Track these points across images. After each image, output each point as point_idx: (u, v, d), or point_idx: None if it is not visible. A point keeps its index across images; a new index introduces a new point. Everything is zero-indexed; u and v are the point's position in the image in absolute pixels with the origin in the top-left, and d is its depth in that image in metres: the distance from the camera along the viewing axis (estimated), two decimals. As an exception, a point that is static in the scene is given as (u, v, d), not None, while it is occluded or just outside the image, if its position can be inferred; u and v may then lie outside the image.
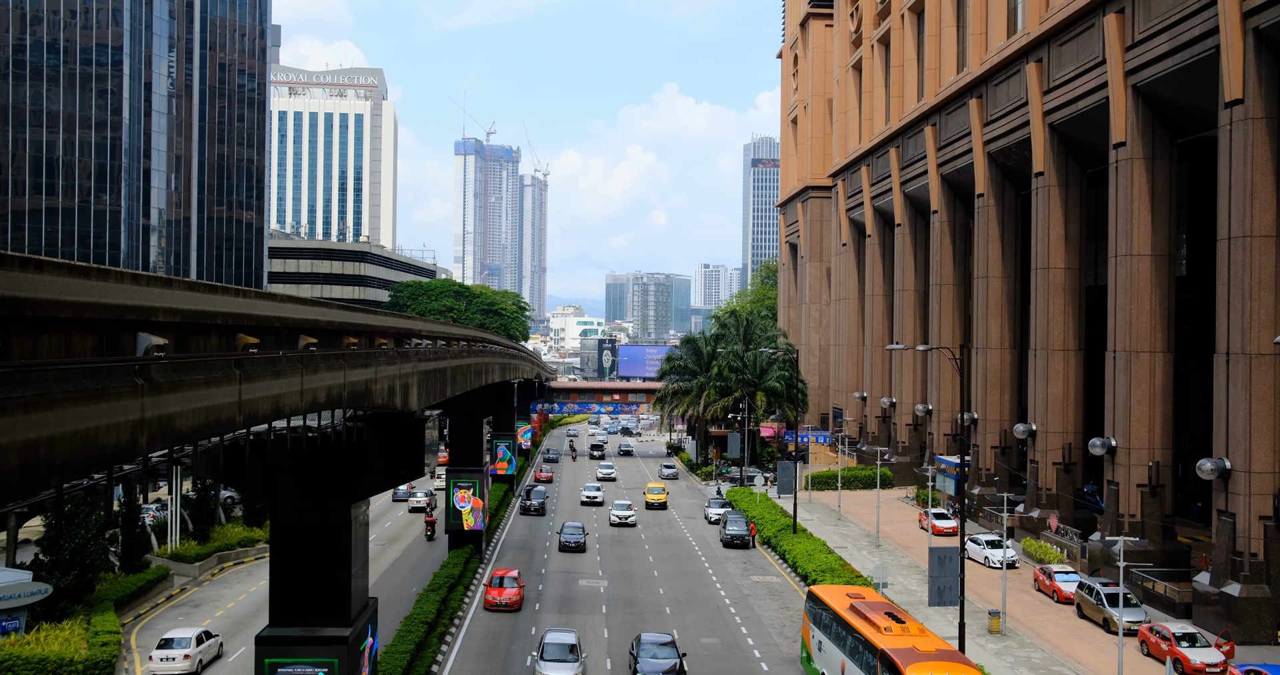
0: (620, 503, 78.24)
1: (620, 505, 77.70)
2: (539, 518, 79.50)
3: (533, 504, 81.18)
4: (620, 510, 76.57)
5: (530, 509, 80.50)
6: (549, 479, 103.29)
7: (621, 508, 77.17)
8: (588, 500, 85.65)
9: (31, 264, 9.98)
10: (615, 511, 76.55)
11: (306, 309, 20.32)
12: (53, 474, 10.39)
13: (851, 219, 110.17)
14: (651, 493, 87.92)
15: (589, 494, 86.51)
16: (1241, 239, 45.76)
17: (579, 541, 64.85)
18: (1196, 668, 39.95)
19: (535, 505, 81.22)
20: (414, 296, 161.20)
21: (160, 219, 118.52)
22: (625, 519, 75.60)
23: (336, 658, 24.92)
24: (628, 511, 76.64)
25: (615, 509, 76.99)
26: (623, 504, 77.93)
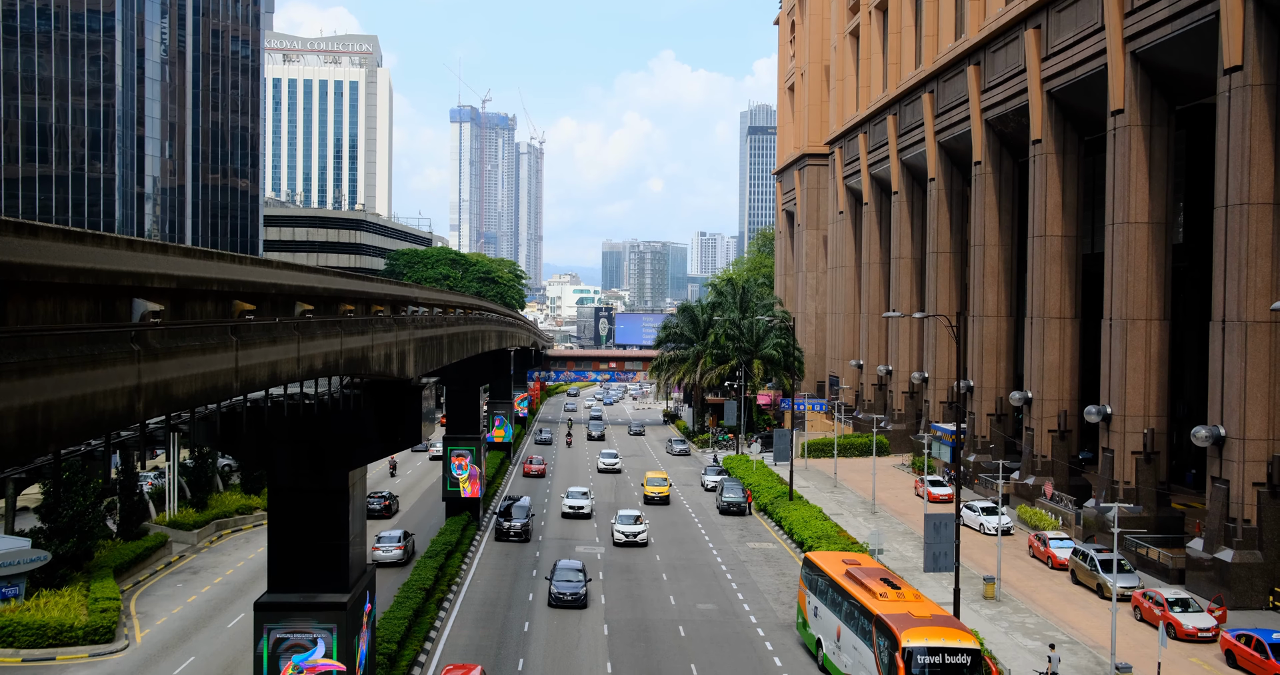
0: (626, 515, 60.27)
1: (626, 518, 59.86)
2: (521, 547, 57.78)
3: (514, 525, 58.88)
4: (626, 524, 59.25)
5: (509, 533, 58.74)
6: (540, 473, 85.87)
7: (628, 521, 59.54)
8: (572, 511, 66.41)
9: (26, 229, 9.94)
10: (620, 526, 59.19)
11: (302, 276, 20.27)
12: (50, 440, 10.40)
13: (848, 186, 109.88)
14: (651, 484, 75.06)
15: (573, 503, 66.99)
16: (1239, 206, 45.69)
17: (576, 593, 45.24)
18: (1189, 632, 40.29)
19: (516, 527, 58.91)
20: (410, 265, 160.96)
21: (155, 187, 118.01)
22: (634, 536, 58.37)
23: (336, 623, 25.05)
24: (637, 527, 58.99)
25: (620, 522, 59.64)
26: (629, 516, 60.06)
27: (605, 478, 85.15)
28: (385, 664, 33.51)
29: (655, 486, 74.49)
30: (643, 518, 60.10)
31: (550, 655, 39.01)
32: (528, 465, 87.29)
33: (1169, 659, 36.84)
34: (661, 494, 73.53)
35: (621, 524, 59.26)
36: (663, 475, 77.64)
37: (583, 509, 66.29)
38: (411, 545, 55.04)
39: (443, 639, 40.62)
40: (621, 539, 58.32)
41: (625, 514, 60.57)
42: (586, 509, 66.48)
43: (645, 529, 59.07)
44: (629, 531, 58.59)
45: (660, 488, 74.24)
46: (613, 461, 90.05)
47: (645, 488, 74.95)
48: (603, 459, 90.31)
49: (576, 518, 65.82)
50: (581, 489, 69.92)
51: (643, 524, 59.34)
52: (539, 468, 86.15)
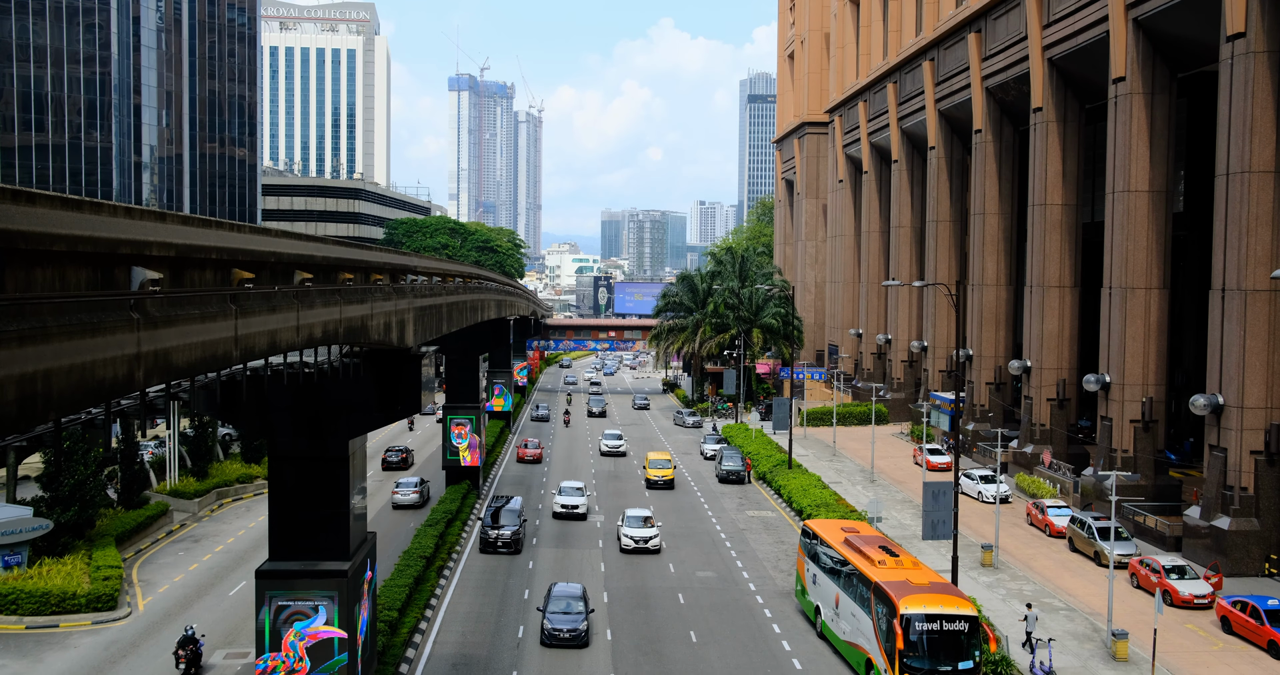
0: (635, 515, 51.32)
1: (634, 520, 50.91)
2: (510, 559, 48.42)
3: (502, 534, 49.07)
4: (635, 527, 50.38)
5: (497, 543, 49.02)
6: (536, 458, 76.67)
7: (636, 523, 50.65)
8: (565, 511, 57.01)
9: (23, 196, 9.90)
10: (629, 530, 50.24)
11: (301, 244, 20.23)
12: (50, 408, 10.40)
13: (848, 155, 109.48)
14: (654, 467, 67.78)
15: (566, 502, 57.33)
16: (1240, 175, 45.55)
17: (575, 629, 36.43)
18: (1185, 599, 40.54)
19: (505, 536, 49.06)
20: (409, 234, 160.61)
21: (152, 156, 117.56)
22: (644, 542, 49.77)
23: (336, 591, 25.17)
24: (647, 530, 50.22)
25: (629, 525, 50.70)
26: (635, 516, 51.27)
27: (608, 461, 78.14)
28: (386, 631, 33.73)
29: (659, 469, 67.33)
30: (654, 519, 51.71)
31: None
32: (522, 449, 77.43)
33: (1165, 625, 37.08)
34: (665, 478, 66.59)
35: (630, 527, 50.28)
36: (666, 456, 69.98)
37: (577, 508, 56.83)
38: (426, 491, 61.29)
39: (443, 607, 40.84)
40: (630, 545, 49.44)
41: (634, 514, 51.54)
42: (581, 508, 56.99)
43: (657, 533, 50.14)
44: (638, 536, 49.62)
45: (664, 470, 67.16)
46: (617, 444, 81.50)
47: (647, 470, 67.94)
48: (605, 441, 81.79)
49: (570, 519, 56.78)
50: (575, 484, 59.81)
51: (654, 527, 50.63)
52: (534, 452, 76.88)
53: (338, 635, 25.11)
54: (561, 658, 35.47)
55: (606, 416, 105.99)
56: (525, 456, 76.42)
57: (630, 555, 49.46)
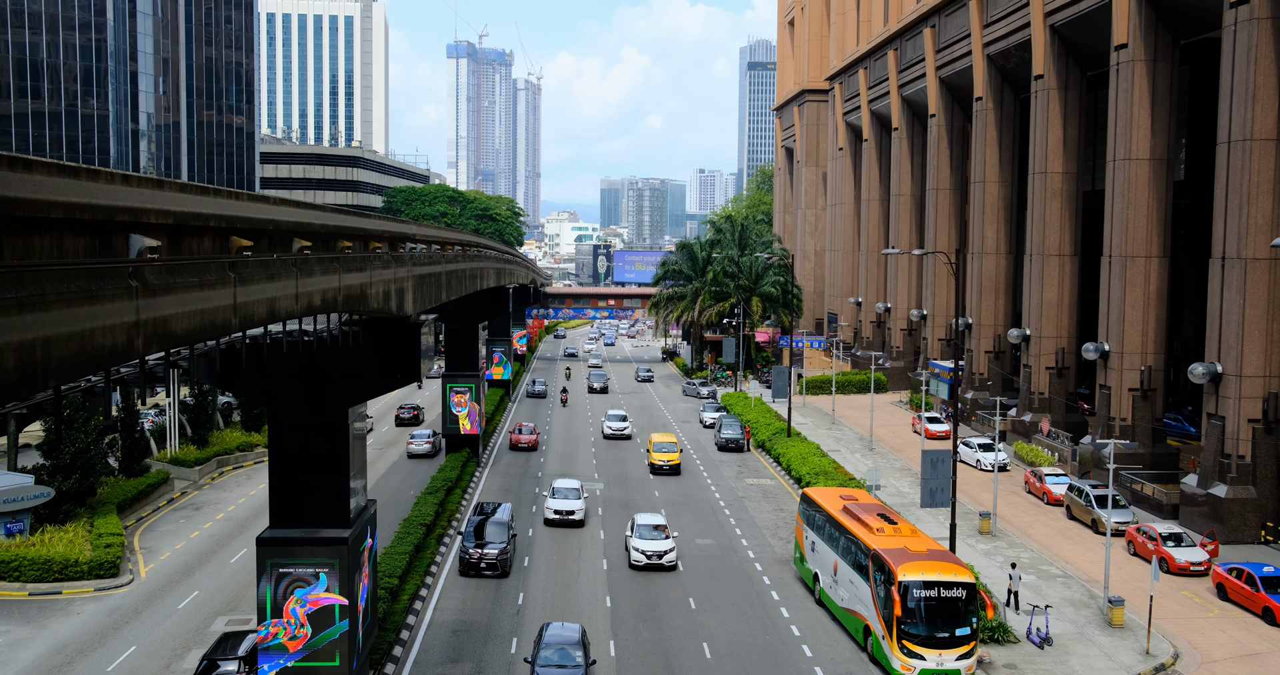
0: (645, 523, 43.32)
1: (647, 529, 42.74)
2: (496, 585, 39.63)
3: (486, 553, 40.19)
4: (648, 538, 42.25)
5: (480, 564, 40.17)
6: (531, 445, 68.21)
7: (650, 533, 42.52)
8: (559, 517, 48.34)
9: (20, 163, 9.85)
10: (640, 543, 42.07)
11: (300, 212, 20.16)
12: (49, 375, 10.41)
13: (848, 123, 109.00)
14: (658, 450, 61.88)
15: (559, 506, 48.55)
16: (1241, 143, 45.39)
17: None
18: (1181, 566, 40.77)
19: (491, 556, 40.18)
20: (408, 202, 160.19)
21: (149, 123, 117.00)
22: (658, 557, 41.54)
23: (337, 558, 25.28)
24: (662, 543, 42.08)
25: (640, 536, 42.48)
26: (648, 524, 43.18)
27: (611, 447, 70.33)
28: (387, 598, 33.92)
29: (663, 453, 61.51)
30: (669, 528, 43.92)
31: (550, 589, 39.10)
32: (515, 435, 68.93)
33: (1161, 592, 37.30)
34: (671, 462, 61.04)
35: (641, 538, 42.23)
36: (671, 439, 64.07)
37: (573, 514, 48.42)
38: (438, 442, 65.42)
39: (443, 575, 41.03)
40: (640, 561, 41.46)
41: (645, 521, 43.51)
42: (578, 514, 48.60)
43: (673, 546, 42.13)
44: (651, 550, 41.51)
45: (669, 455, 61.40)
46: (621, 426, 73.84)
47: (651, 454, 62.11)
48: (608, 424, 74.41)
49: (566, 525, 48.54)
50: (571, 484, 50.86)
51: (670, 538, 42.56)
52: (529, 438, 68.44)
53: (338, 602, 25.26)
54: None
55: (608, 392, 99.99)
56: (520, 443, 68.20)
57: (641, 573, 41.37)
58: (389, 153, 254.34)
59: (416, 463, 63.80)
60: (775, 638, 34.74)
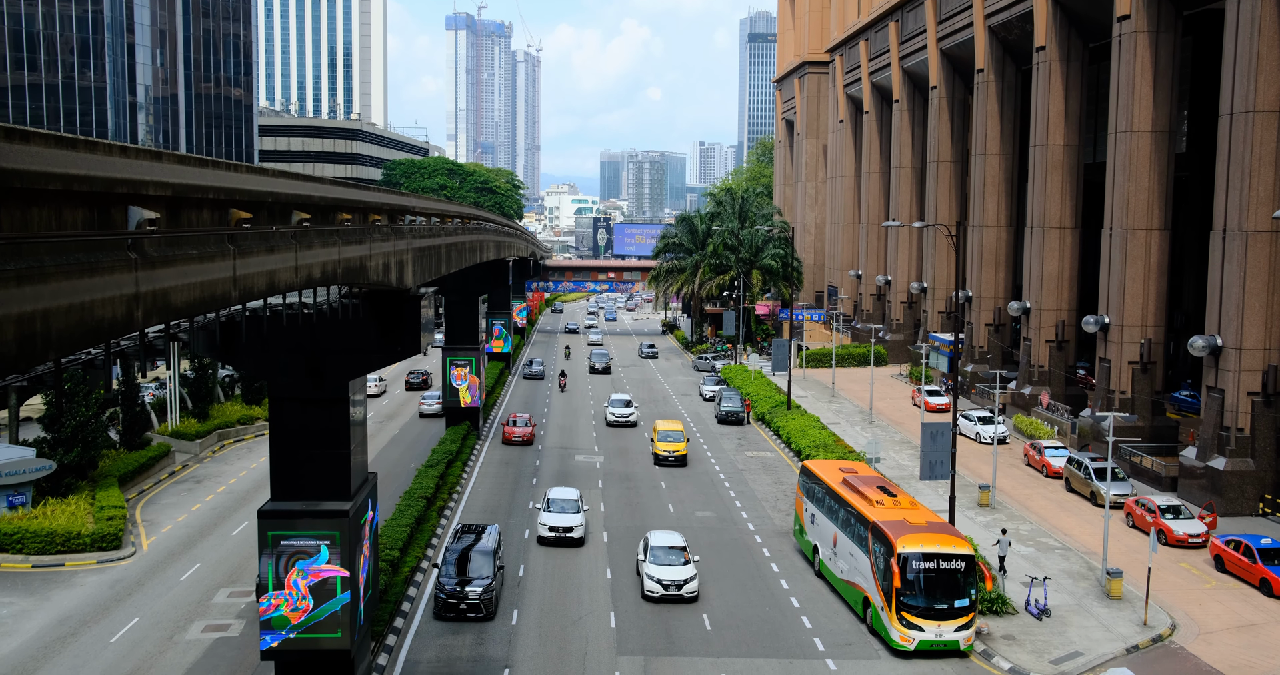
0: (661, 543, 36.45)
1: (662, 551, 36.07)
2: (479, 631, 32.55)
3: (469, 592, 33.03)
4: (665, 563, 35.53)
5: (460, 605, 32.99)
6: (526, 439, 60.90)
7: (666, 555, 35.92)
8: (555, 534, 41.13)
9: (17, 135, 9.80)
10: (655, 570, 35.27)
11: (299, 184, 20.09)
12: (49, 347, 10.39)
13: (849, 95, 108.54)
14: (663, 440, 56.59)
15: (556, 522, 41.24)
16: (1244, 114, 45.21)
17: None
18: (1179, 538, 40.93)
19: (473, 596, 32.99)
20: (407, 175, 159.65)
21: (147, 96, 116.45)
22: (678, 586, 34.85)
23: (338, 531, 25.34)
24: (682, 571, 35.29)
25: (654, 559, 35.82)
26: (664, 545, 36.35)
27: (614, 436, 64.55)
28: (388, 570, 34.06)
29: (669, 442, 56.51)
30: (689, 552, 36.77)
31: (551, 561, 39.09)
32: (509, 428, 61.47)
33: (1159, 564, 37.45)
34: (677, 453, 55.85)
35: (657, 563, 35.53)
36: (677, 426, 58.48)
37: (570, 531, 41.12)
38: None
39: (444, 546, 41.14)
40: (655, 591, 34.77)
41: (661, 542, 36.64)
42: (577, 530, 41.29)
43: (694, 573, 35.44)
44: (669, 579, 34.83)
45: (676, 444, 56.23)
46: (625, 412, 67.72)
47: (655, 444, 56.93)
48: (612, 410, 68.22)
49: (562, 545, 41.19)
50: (569, 495, 43.01)
51: (690, 562, 35.89)
52: (524, 431, 61.07)
53: (340, 574, 25.34)
54: (560, 598, 35.66)
55: (610, 372, 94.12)
56: (513, 437, 60.89)
57: (658, 605, 34.72)
58: (388, 125, 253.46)
59: (428, 421, 68.65)
60: (775, 609, 34.90)
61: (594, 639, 32.25)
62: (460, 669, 29.75)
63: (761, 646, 31.65)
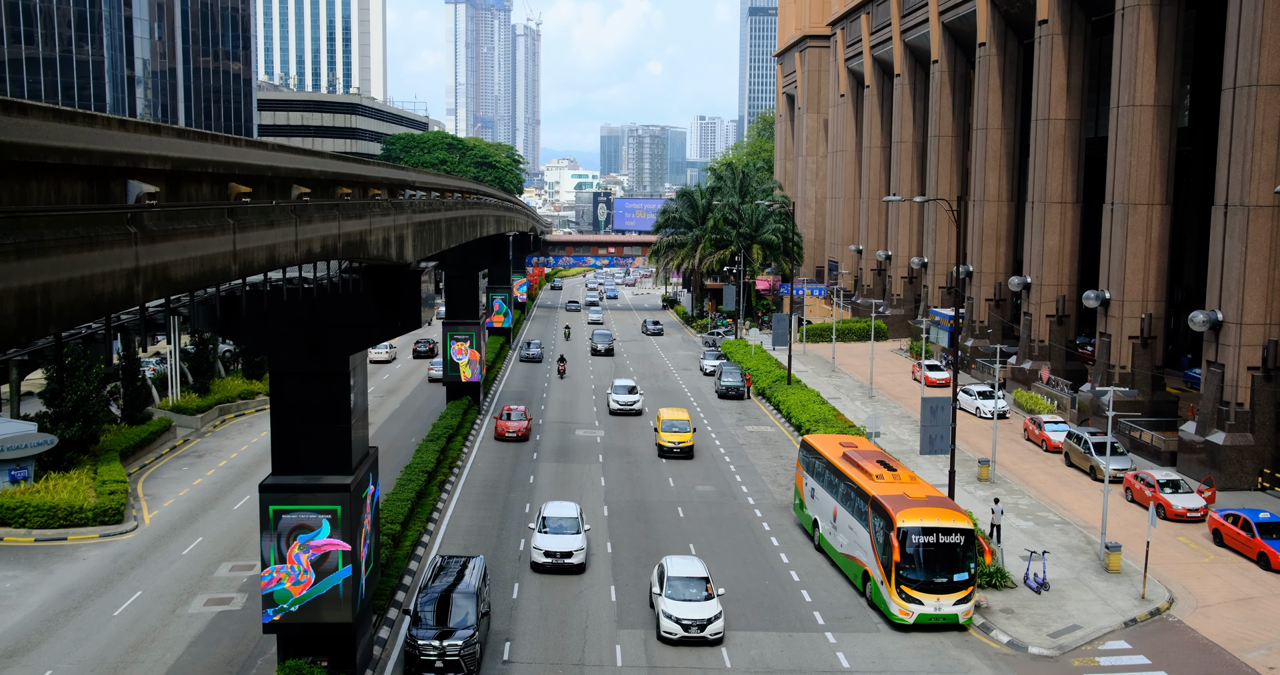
0: (680, 573, 31.29)
1: (680, 579, 31.02)
2: None
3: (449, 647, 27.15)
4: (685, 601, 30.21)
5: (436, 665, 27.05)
6: (522, 434, 54.94)
7: (686, 589, 30.62)
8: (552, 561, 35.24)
9: (14, 108, 9.77)
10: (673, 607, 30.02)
11: (299, 158, 20.04)
12: (50, 321, 10.40)
13: (850, 69, 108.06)
14: (668, 430, 52.23)
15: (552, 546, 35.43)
16: (1247, 88, 45.00)
17: None
18: (1178, 513, 41.04)
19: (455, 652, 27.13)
20: (406, 149, 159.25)
21: (145, 70, 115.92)
22: (701, 625, 29.58)
23: (339, 505, 25.42)
24: (707, 607, 30.02)
25: (672, 593, 30.54)
26: (683, 575, 31.19)
27: (618, 427, 59.46)
28: (389, 544, 34.18)
29: (674, 433, 52.24)
30: (713, 584, 31.24)
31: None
32: (501, 422, 55.50)
33: (1158, 538, 37.57)
34: (683, 444, 51.73)
35: (676, 598, 30.28)
36: (683, 416, 53.92)
37: (570, 557, 35.26)
38: None
39: (445, 520, 41.32)
40: (673, 632, 29.59)
41: (680, 571, 31.40)
42: (578, 555, 35.42)
43: (719, 610, 30.11)
44: (690, 617, 29.59)
45: (681, 435, 51.96)
46: (630, 399, 63.08)
47: (660, 434, 52.61)
48: (615, 397, 63.37)
49: (560, 572, 35.33)
50: (567, 512, 37.19)
51: (715, 595, 30.63)
52: (519, 426, 55.21)
53: (341, 548, 25.44)
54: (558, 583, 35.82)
55: (613, 355, 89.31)
56: (506, 433, 54.89)
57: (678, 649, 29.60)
58: (387, 99, 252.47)
59: (434, 388, 70.21)
60: (775, 583, 35.04)
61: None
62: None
63: (761, 620, 31.79)
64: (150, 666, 27.93)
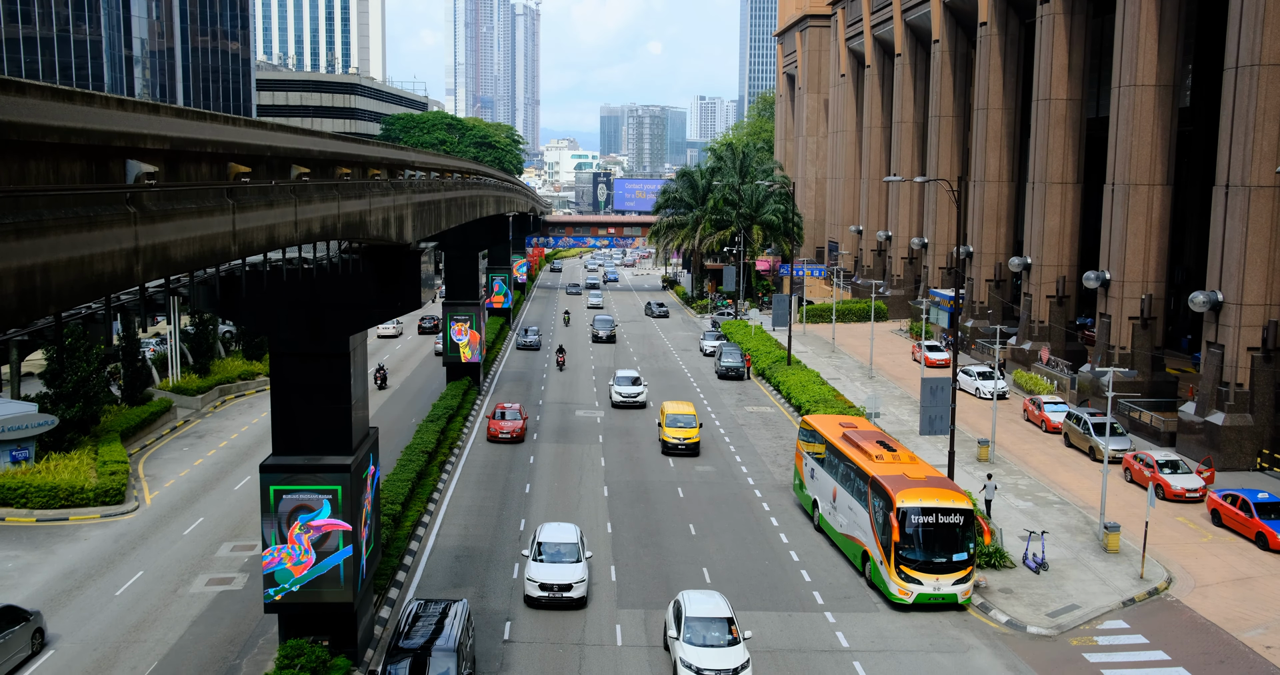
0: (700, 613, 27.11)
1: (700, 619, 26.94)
2: None
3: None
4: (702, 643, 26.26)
5: None
6: (516, 435, 49.83)
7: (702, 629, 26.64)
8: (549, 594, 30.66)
9: (12, 86, 9.74)
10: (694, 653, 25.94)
11: (298, 138, 19.99)
12: (50, 301, 10.39)
13: (851, 49, 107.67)
14: (673, 425, 48.82)
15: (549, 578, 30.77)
16: (1249, 68, 44.85)
17: None
18: (1177, 493, 41.13)
19: None
20: (406, 129, 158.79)
21: (143, 49, 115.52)
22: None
23: (340, 485, 25.45)
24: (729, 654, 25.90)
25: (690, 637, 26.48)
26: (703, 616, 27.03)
27: (622, 423, 55.69)
28: (390, 524, 34.26)
29: (679, 427, 48.80)
30: (737, 625, 27.27)
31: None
32: (495, 422, 50.45)
33: (1156, 518, 37.66)
34: (688, 440, 48.31)
35: (694, 644, 26.38)
36: (689, 410, 50.25)
37: (569, 590, 30.77)
38: None
39: (445, 500, 41.40)
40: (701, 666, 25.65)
41: (700, 611, 27.24)
42: (578, 587, 30.86)
43: (748, 658, 26.25)
44: (715, 668, 25.63)
45: (687, 431, 48.59)
46: (634, 392, 58.97)
47: (664, 430, 49.06)
48: (618, 389, 59.61)
49: (558, 608, 30.90)
50: (565, 536, 32.45)
51: (741, 637, 26.80)
52: (513, 426, 50.18)
53: (342, 528, 25.50)
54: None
55: (615, 341, 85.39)
56: (500, 433, 49.76)
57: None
58: (386, 80, 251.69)
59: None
60: (774, 563, 35.14)
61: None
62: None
63: (761, 599, 31.90)
64: (152, 645, 28.04)
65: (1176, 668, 27.65)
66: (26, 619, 27.27)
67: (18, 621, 26.94)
